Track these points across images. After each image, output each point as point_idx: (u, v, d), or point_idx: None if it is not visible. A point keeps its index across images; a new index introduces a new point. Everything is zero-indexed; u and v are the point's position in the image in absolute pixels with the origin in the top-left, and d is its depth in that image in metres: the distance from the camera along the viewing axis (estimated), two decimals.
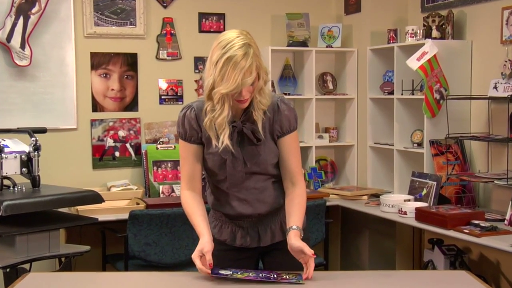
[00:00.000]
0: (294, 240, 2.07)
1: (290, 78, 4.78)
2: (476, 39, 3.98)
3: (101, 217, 3.59)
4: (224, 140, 2.10)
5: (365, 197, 4.29)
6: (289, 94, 4.62)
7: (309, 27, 4.67)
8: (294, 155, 2.19)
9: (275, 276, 2.04)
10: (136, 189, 4.12)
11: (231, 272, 2.04)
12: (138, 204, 3.87)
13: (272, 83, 4.62)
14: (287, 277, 2.04)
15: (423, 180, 3.84)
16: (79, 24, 4.23)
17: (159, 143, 4.38)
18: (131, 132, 4.37)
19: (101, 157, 4.30)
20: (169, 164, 4.27)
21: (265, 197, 2.20)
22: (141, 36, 4.39)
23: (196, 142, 2.16)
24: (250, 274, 2.04)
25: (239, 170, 2.13)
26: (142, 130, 4.40)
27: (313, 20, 4.74)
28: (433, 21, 4.09)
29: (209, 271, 2.04)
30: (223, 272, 2.04)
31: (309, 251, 2.04)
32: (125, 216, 3.57)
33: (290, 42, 4.64)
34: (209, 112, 2.10)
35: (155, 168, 4.24)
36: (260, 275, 2.04)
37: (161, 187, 4.18)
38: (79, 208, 3.65)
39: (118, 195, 4.00)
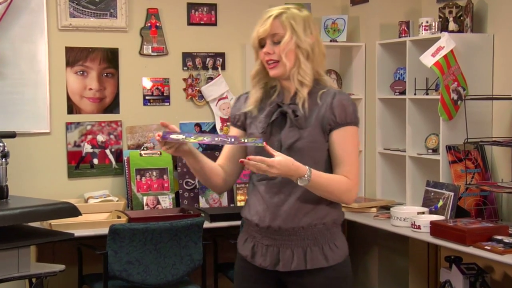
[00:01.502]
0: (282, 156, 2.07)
1: None
2: (498, 32, 3.99)
3: (78, 232, 3.58)
4: (261, 118, 2.23)
5: (374, 210, 4.29)
6: None
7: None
8: (348, 153, 2.17)
9: (233, 140, 2.10)
10: (117, 200, 4.11)
11: (183, 137, 2.06)
12: (119, 217, 3.86)
13: None
14: (246, 140, 2.11)
15: (439, 191, 3.84)
16: (53, 15, 4.22)
17: (143, 149, 4.37)
18: (112, 136, 4.36)
19: (78, 164, 4.29)
20: (154, 173, 4.27)
21: (290, 206, 2.18)
22: (122, 29, 4.38)
23: (241, 126, 2.31)
24: (205, 138, 2.07)
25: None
26: (123, 134, 4.40)
27: (315, 11, 4.74)
28: (450, 12, 4.09)
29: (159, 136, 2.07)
30: (174, 137, 2.06)
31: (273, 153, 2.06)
32: (105, 231, 3.56)
33: None
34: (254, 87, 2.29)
35: (138, 177, 4.23)
36: (216, 139, 2.10)
37: (145, 198, 4.17)
38: (53, 222, 3.64)
39: (96, 208, 3.99)
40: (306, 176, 2.10)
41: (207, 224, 3.88)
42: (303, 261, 2.19)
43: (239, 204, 4.39)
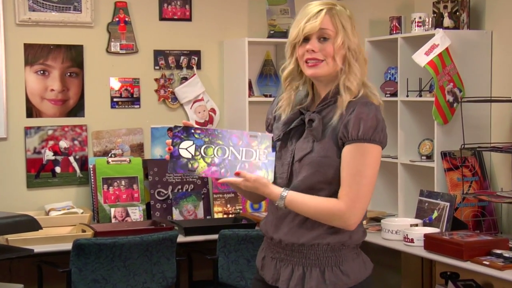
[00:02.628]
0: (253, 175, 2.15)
1: (271, 76, 4.78)
2: (497, 29, 4.02)
3: (38, 248, 3.54)
4: (280, 124, 2.26)
5: (363, 222, 4.29)
6: (269, 96, 4.61)
7: (294, 14, 4.68)
8: (350, 173, 2.12)
9: (243, 158, 2.18)
10: (82, 213, 4.08)
11: (191, 154, 2.15)
12: (84, 231, 3.83)
13: (250, 82, 4.62)
14: (257, 159, 2.18)
15: (434, 201, 3.85)
16: (9, 8, 4.19)
17: (111, 156, 4.34)
18: (76, 142, 4.34)
19: (38, 173, 4.25)
20: (123, 182, 4.24)
21: (292, 220, 2.20)
22: (88, 24, 4.36)
23: (268, 129, 2.35)
24: (216, 154, 2.16)
25: (286, 162, 2.21)
26: (89, 140, 4.37)
27: (300, 5, 4.74)
28: (445, 7, 4.11)
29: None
30: (183, 153, 2.15)
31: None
32: (68, 246, 3.53)
33: (272, 32, 4.64)
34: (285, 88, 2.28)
35: (105, 186, 4.21)
36: (227, 153, 2.17)
37: (112, 210, 4.15)
38: (10, 237, 3.60)
39: (59, 221, 3.96)
40: (280, 196, 2.14)
41: (181, 238, 3.86)
42: (301, 281, 2.19)
43: (216, 216, 4.38)
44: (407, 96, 4.22)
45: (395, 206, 4.40)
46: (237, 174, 2.14)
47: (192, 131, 2.16)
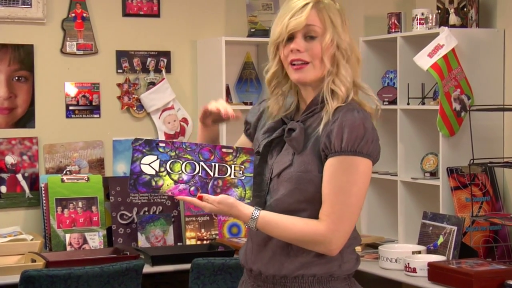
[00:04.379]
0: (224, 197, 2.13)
1: (252, 81, 4.78)
2: (510, 27, 4.04)
3: None
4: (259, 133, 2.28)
5: (359, 249, 4.28)
6: (250, 104, 4.60)
7: (278, 9, 4.67)
8: (333, 190, 2.10)
9: (216, 175, 2.16)
10: (32, 239, 4.05)
11: (155, 170, 2.15)
12: (34, 261, 3.80)
13: (227, 88, 4.61)
14: (232, 174, 2.18)
15: (439, 224, 3.85)
16: None
17: (66, 174, 4.32)
18: (25, 157, 4.31)
19: None
20: (80, 203, 4.22)
21: (273, 248, 2.18)
22: (39, 21, 4.34)
23: (249, 137, 2.39)
24: (184, 171, 2.16)
25: (265, 179, 2.22)
26: (40, 154, 4.35)
27: None
28: (451, 2, 4.13)
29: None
30: (145, 169, 2.16)
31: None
32: (15, 278, 3.50)
33: (252, 30, 4.64)
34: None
35: (59, 209, 4.18)
36: (197, 169, 2.16)
37: (67, 236, 4.12)
38: None
39: (4, 249, 3.93)
40: (251, 217, 2.12)
41: (147, 268, 3.84)
42: None
43: (188, 242, 4.36)
44: (408, 104, 4.23)
45: (394, 230, 4.40)
46: (200, 199, 2.13)
47: (156, 144, 2.16)
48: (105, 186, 4.32)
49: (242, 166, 2.17)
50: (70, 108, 4.42)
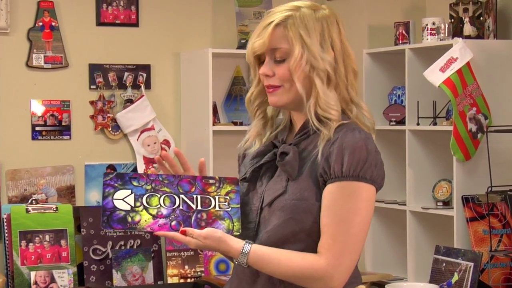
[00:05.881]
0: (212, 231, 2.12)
1: (242, 98, 4.79)
2: None
3: None
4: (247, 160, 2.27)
5: (363, 287, 4.27)
6: (240, 124, 4.60)
7: None
8: (334, 220, 2.09)
9: (199, 208, 2.16)
10: None
11: (130, 206, 2.14)
12: None
13: (214, 106, 4.60)
14: (217, 206, 2.18)
15: (453, 260, 3.84)
16: None
17: (31, 203, 4.30)
18: None
19: None
20: (47, 237, 4.20)
21: (263, 284, 2.17)
22: (1, 30, 4.34)
23: (239, 164, 2.37)
24: (163, 206, 2.15)
25: (254, 208, 2.21)
26: (2, 181, 4.35)
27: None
28: (465, 10, 4.14)
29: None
30: (119, 205, 2.14)
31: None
32: None
33: (243, 41, 4.65)
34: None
35: (23, 243, 4.16)
36: (177, 203, 2.16)
37: (33, 274, 4.10)
38: None
39: None
40: (242, 252, 2.10)
41: None
42: None
43: (170, 280, 4.34)
44: (418, 124, 4.23)
45: (403, 266, 4.39)
46: (183, 233, 2.11)
47: (128, 178, 2.16)
48: (75, 217, 4.29)
49: (227, 197, 2.18)
50: (37, 128, 4.42)
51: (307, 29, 2.16)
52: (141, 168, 4.53)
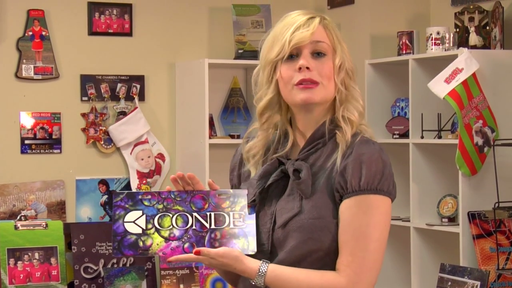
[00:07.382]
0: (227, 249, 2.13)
1: (239, 110, 4.79)
2: None
3: None
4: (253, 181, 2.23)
5: None
6: (237, 137, 4.59)
7: (271, 27, 4.68)
8: (354, 235, 2.10)
9: (213, 228, 2.15)
10: None
11: (141, 229, 2.14)
12: None
13: (211, 119, 4.59)
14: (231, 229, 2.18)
15: (459, 279, 3.84)
16: None
17: (20, 219, 4.28)
18: None
19: None
20: (36, 255, 4.19)
21: None
22: None
23: (234, 182, 2.37)
24: (176, 226, 2.14)
25: (265, 230, 2.19)
26: None
27: (278, 15, 4.74)
28: (471, 19, 4.14)
29: None
30: (130, 229, 2.14)
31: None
32: None
33: (240, 51, 4.65)
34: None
35: (11, 261, 4.15)
36: (190, 222, 2.15)
37: None
38: None
39: None
40: (259, 272, 2.10)
41: None
42: None
43: None
44: (422, 137, 4.23)
45: (407, 285, 4.39)
46: (197, 253, 2.11)
47: (140, 197, 2.15)
48: (66, 234, 4.27)
49: (242, 213, 2.17)
50: (26, 142, 4.42)
51: (338, 33, 2.24)
52: (134, 183, 4.53)
